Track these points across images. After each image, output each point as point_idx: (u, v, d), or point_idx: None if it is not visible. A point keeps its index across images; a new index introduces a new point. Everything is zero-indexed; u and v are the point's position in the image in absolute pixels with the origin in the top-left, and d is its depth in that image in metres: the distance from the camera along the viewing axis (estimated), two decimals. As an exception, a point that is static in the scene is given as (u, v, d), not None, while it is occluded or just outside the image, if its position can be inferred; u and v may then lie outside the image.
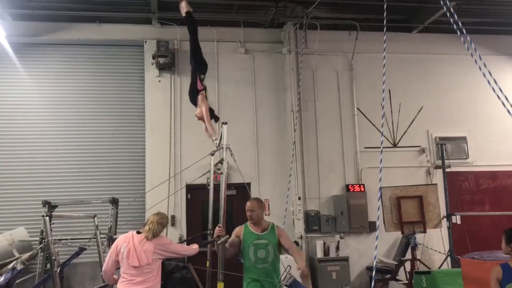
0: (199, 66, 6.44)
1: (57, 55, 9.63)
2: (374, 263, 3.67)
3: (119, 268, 4.35)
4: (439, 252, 9.29)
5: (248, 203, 5.02)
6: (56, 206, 6.84)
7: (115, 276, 4.48)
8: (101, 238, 6.89)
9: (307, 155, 9.71)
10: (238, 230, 5.01)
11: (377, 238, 3.71)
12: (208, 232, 7.03)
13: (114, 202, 7.38)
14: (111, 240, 6.94)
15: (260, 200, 5.18)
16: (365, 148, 9.81)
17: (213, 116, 6.35)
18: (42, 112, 9.36)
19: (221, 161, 6.27)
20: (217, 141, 6.26)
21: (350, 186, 9.65)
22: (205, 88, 6.34)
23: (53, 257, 5.35)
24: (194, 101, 6.38)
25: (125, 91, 9.73)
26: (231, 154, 6.16)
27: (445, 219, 8.75)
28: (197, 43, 6.61)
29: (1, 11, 8.85)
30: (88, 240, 7.06)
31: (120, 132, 9.55)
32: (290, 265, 4.71)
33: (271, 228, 4.92)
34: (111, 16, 9.52)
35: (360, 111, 9.99)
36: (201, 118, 6.24)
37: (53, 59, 9.61)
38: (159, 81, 9.61)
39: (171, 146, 9.38)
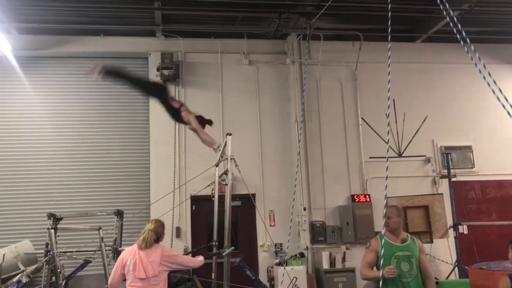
0: (158, 93, 6.43)
1: (62, 68, 9.70)
2: (381, 273, 3.64)
3: (125, 280, 4.34)
4: (446, 262, 9.20)
5: (387, 210, 4.47)
6: (61, 219, 6.84)
7: (121, 289, 4.46)
8: (106, 250, 6.88)
9: (311, 165, 9.70)
10: (375, 245, 4.47)
11: (382, 247, 3.69)
12: (213, 243, 7.02)
13: (119, 214, 7.38)
14: (116, 252, 6.92)
15: (399, 208, 4.77)
16: (370, 158, 9.78)
17: (205, 121, 6.24)
18: (47, 125, 9.40)
19: (225, 172, 6.28)
20: (220, 148, 6.22)
21: (355, 196, 9.60)
22: (182, 104, 6.32)
23: (58, 270, 5.34)
24: (181, 120, 6.28)
25: (130, 103, 9.76)
26: (236, 165, 6.17)
27: (451, 229, 8.68)
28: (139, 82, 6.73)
29: (7, 25, 8.95)
30: (93, 252, 7.05)
31: (125, 144, 9.58)
32: (296, 276, 4.67)
33: (411, 240, 4.48)
34: (116, 29, 9.60)
35: (365, 121, 9.97)
36: (194, 130, 6.17)
37: (58, 72, 9.68)
38: (164, 93, 9.63)
39: (176, 157, 9.38)
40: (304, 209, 9.33)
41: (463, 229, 8.67)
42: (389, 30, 4.25)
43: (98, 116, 9.60)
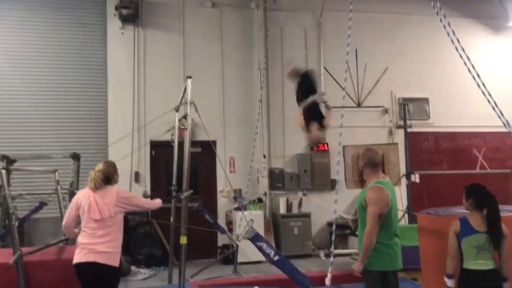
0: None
1: (12, 2, 9.10)
2: (334, 217, 3.78)
3: (80, 222, 4.30)
4: (398, 209, 9.58)
5: None
6: (15, 161, 6.63)
7: (76, 230, 4.43)
8: (62, 193, 6.78)
9: (273, 113, 9.71)
10: None
11: (336, 192, 3.80)
12: (173, 188, 7.06)
13: (75, 157, 7.22)
14: (72, 196, 6.84)
15: (367, 149, 4.38)
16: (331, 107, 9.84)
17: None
18: (-2, 64, 8.92)
19: (185, 117, 6.20)
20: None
21: (314, 144, 9.74)
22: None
23: (11, 211, 5.21)
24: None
25: (86, 43, 9.33)
26: (196, 110, 6.10)
27: (404, 177, 9.02)
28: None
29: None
30: (48, 195, 6.94)
31: (81, 85, 9.21)
32: (253, 219, 4.77)
33: (366, 188, 4.02)
34: (71, -37, 9.02)
35: (327, 71, 9.98)
36: None
37: (8, 6, 9.07)
38: (122, 33, 9.27)
39: (134, 101, 9.17)
40: (264, 156, 9.44)
41: (415, 178, 9.01)
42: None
43: (53, 55, 9.13)
